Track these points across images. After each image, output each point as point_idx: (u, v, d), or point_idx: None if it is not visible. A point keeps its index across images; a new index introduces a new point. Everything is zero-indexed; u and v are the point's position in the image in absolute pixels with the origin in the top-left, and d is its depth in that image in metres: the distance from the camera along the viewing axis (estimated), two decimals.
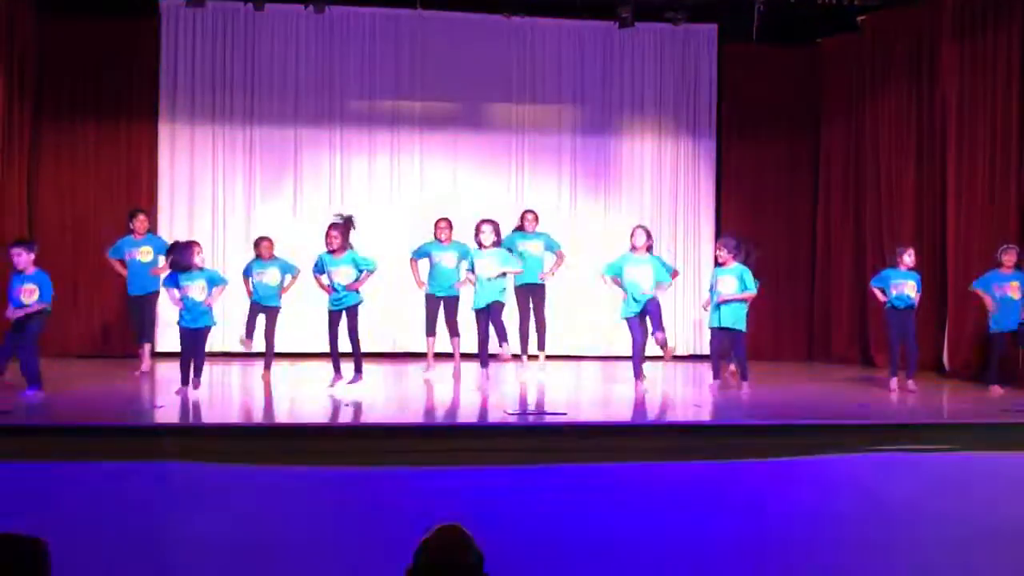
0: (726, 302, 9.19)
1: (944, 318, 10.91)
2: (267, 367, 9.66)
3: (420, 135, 12.70)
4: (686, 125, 13.19)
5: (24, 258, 8.42)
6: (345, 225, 9.13)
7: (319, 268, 9.15)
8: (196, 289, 8.55)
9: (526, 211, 10.66)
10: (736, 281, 9.23)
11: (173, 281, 8.61)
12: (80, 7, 11.69)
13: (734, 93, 13.12)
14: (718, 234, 13.20)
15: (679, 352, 11.47)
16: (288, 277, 9.73)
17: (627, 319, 9.15)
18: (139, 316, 10.16)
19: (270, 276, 9.64)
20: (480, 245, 9.48)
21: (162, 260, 9.77)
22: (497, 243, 9.54)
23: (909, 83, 11.67)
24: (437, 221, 10.18)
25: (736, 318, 9.24)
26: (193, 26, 12.24)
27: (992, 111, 10.52)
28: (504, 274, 9.52)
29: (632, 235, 9.34)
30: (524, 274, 10.17)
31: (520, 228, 10.46)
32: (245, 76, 12.38)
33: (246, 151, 12.42)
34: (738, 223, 13.05)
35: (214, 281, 8.74)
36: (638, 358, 9.16)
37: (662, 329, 8.97)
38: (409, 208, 12.49)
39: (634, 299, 9.05)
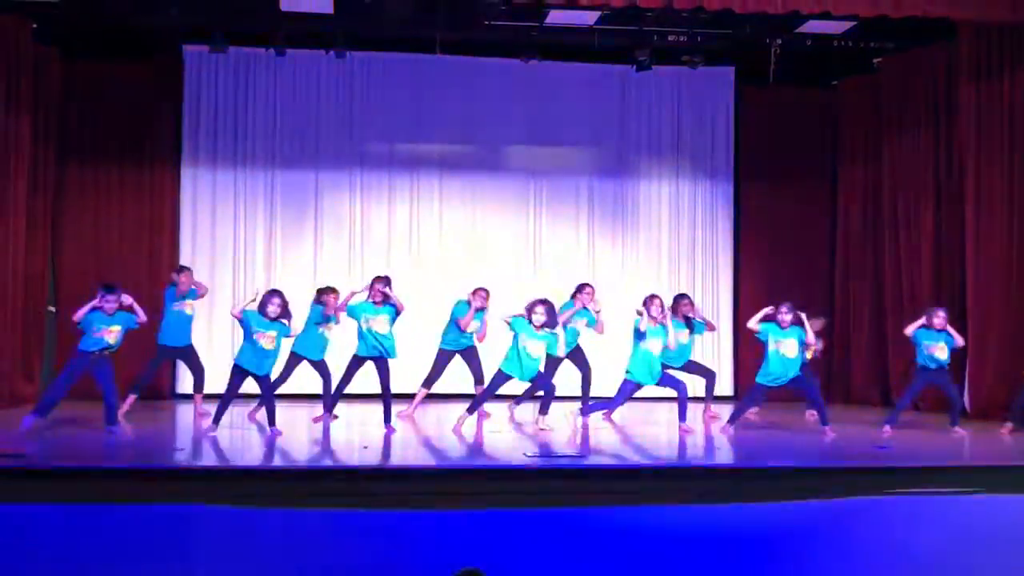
0: None
1: (964, 360, 10.85)
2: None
3: (439, 178, 12.82)
4: (703, 167, 13.26)
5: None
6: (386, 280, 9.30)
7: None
8: (267, 340, 8.68)
9: (587, 285, 10.46)
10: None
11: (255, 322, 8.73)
12: (104, 51, 11.88)
13: (751, 135, 13.19)
14: (736, 276, 13.24)
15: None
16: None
17: None
18: (192, 366, 10.33)
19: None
20: (532, 324, 9.30)
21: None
22: (548, 324, 9.34)
23: (926, 125, 11.70)
24: (477, 290, 10.27)
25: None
26: (215, 71, 12.41)
27: (1010, 152, 10.56)
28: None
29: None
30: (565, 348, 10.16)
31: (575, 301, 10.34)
32: (266, 120, 12.53)
33: (267, 195, 12.54)
34: (757, 265, 13.09)
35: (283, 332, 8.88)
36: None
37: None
38: (429, 251, 12.61)
39: None
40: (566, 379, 10.70)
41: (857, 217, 12.75)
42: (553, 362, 10.22)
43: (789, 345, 9.34)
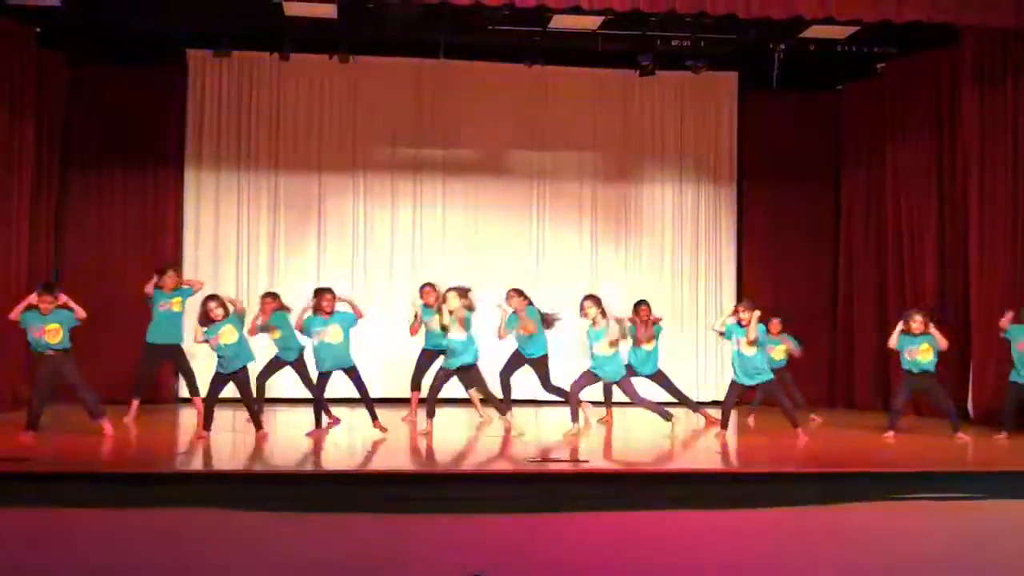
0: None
1: (967, 366, 10.84)
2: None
3: (442, 182, 12.84)
4: (706, 172, 13.26)
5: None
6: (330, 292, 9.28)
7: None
8: (225, 335, 8.71)
9: (510, 290, 10.27)
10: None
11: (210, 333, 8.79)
12: (108, 55, 11.90)
13: (754, 140, 13.19)
14: (739, 280, 13.24)
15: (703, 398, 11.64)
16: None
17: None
18: (180, 368, 10.32)
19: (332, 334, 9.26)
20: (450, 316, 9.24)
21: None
22: (467, 307, 9.23)
23: (930, 129, 11.70)
24: (423, 287, 10.32)
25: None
26: (219, 75, 12.45)
27: (1014, 156, 10.56)
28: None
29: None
30: (525, 348, 10.17)
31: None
32: (270, 124, 12.57)
33: (271, 198, 12.57)
34: (759, 269, 13.08)
35: (238, 321, 8.88)
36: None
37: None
38: (431, 254, 12.63)
39: None
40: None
41: (860, 222, 12.74)
42: (515, 360, 10.24)
43: (744, 344, 9.34)
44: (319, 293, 9.20)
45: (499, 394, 9.96)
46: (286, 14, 10.96)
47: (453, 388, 10.86)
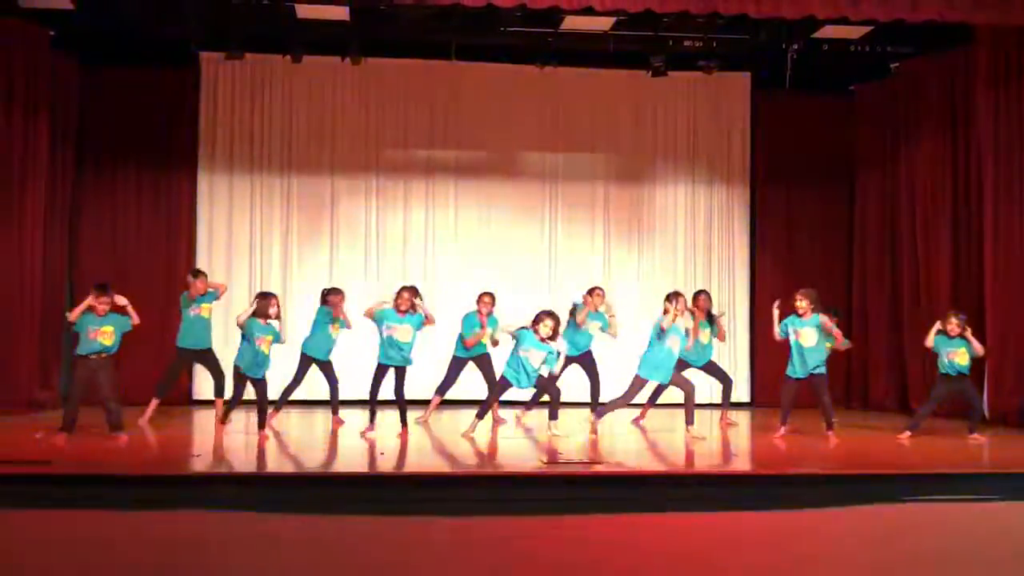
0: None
1: (983, 366, 10.79)
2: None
3: (454, 184, 12.85)
4: (719, 173, 13.24)
5: None
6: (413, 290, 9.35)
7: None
8: (265, 344, 8.81)
9: (596, 288, 10.57)
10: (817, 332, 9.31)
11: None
12: (121, 58, 11.94)
13: (768, 140, 13.17)
14: (752, 281, 13.20)
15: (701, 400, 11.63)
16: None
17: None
18: (212, 370, 10.32)
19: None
20: (537, 335, 9.20)
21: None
22: (553, 337, 9.19)
23: (944, 130, 11.66)
24: (482, 296, 10.29)
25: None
26: (232, 77, 12.47)
27: None
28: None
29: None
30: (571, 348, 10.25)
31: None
32: (283, 127, 12.60)
33: (283, 200, 12.60)
34: (773, 270, 13.06)
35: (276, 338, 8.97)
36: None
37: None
38: (444, 256, 12.64)
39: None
40: (578, 386, 10.71)
41: (874, 222, 12.71)
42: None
43: (807, 334, 9.30)
44: (401, 291, 9.27)
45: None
46: (298, 16, 10.98)
47: (463, 389, 10.90)
